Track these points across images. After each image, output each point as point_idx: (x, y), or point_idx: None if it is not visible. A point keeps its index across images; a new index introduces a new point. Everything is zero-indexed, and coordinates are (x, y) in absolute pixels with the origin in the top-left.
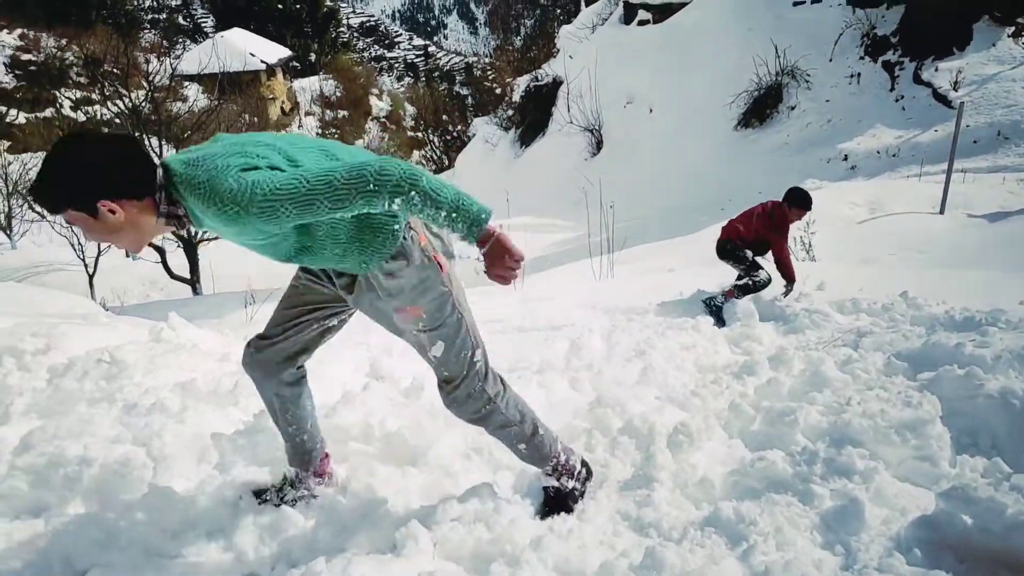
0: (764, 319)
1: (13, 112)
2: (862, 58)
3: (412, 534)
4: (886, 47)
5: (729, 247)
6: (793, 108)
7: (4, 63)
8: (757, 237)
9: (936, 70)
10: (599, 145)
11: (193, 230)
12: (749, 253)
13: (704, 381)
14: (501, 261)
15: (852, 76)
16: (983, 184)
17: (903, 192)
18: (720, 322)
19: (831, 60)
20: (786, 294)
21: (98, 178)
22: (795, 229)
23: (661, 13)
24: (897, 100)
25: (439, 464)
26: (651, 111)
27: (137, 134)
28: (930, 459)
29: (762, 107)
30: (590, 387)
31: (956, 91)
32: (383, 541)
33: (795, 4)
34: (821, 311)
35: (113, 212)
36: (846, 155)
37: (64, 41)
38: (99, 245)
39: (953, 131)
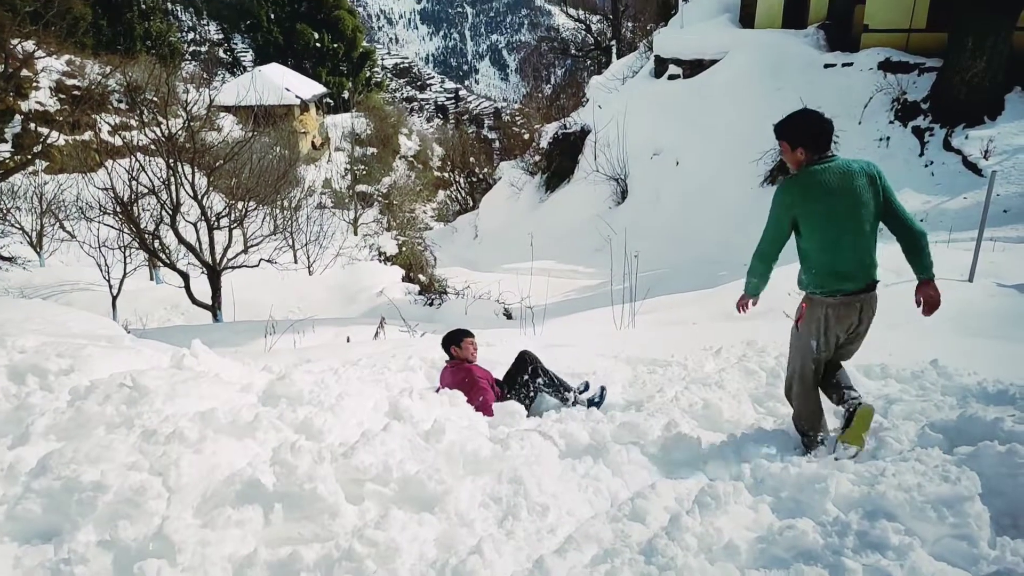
0: None
1: (55, 134)
2: (892, 122)
3: None
4: (916, 113)
5: None
6: None
7: (49, 87)
8: None
9: (967, 138)
10: (624, 195)
11: (217, 258)
12: None
13: (729, 440)
14: None
15: (881, 139)
16: (1013, 254)
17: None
18: None
19: (860, 123)
20: None
21: None
22: None
23: (692, 69)
24: (926, 166)
25: (456, 511)
26: (677, 164)
27: (171, 161)
28: (968, 539)
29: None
30: (610, 439)
31: (986, 159)
32: None
33: (826, 66)
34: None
35: None
36: None
37: (108, 69)
38: (125, 267)
39: (984, 199)
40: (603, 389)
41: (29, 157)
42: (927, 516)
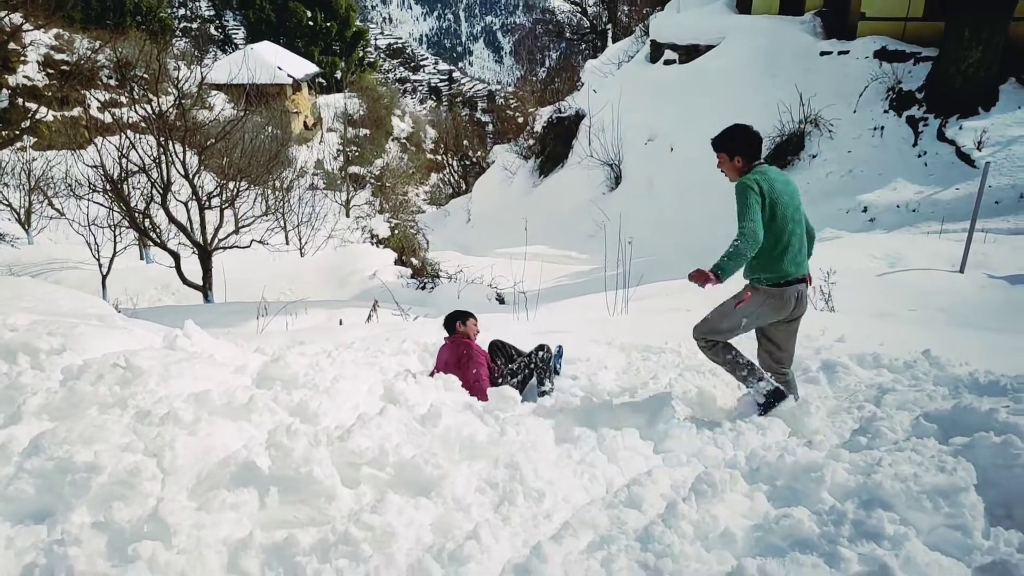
0: None
1: (43, 110)
2: (886, 112)
3: (425, 569)
4: (911, 102)
5: None
6: (815, 156)
7: (37, 61)
8: None
9: (960, 128)
10: (618, 180)
11: (208, 238)
12: None
13: (723, 428)
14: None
15: (876, 129)
16: (1004, 245)
17: (923, 247)
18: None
19: (855, 111)
20: None
21: None
22: (815, 279)
23: (687, 54)
24: (920, 156)
25: (453, 496)
26: (672, 149)
27: (162, 139)
28: (963, 529)
29: (783, 153)
30: (605, 426)
31: (980, 151)
32: (396, 574)
33: (822, 54)
34: (842, 364)
35: None
36: (865, 207)
37: (97, 44)
38: (115, 246)
39: (976, 190)
40: (560, 348)
41: (17, 133)
42: (922, 506)
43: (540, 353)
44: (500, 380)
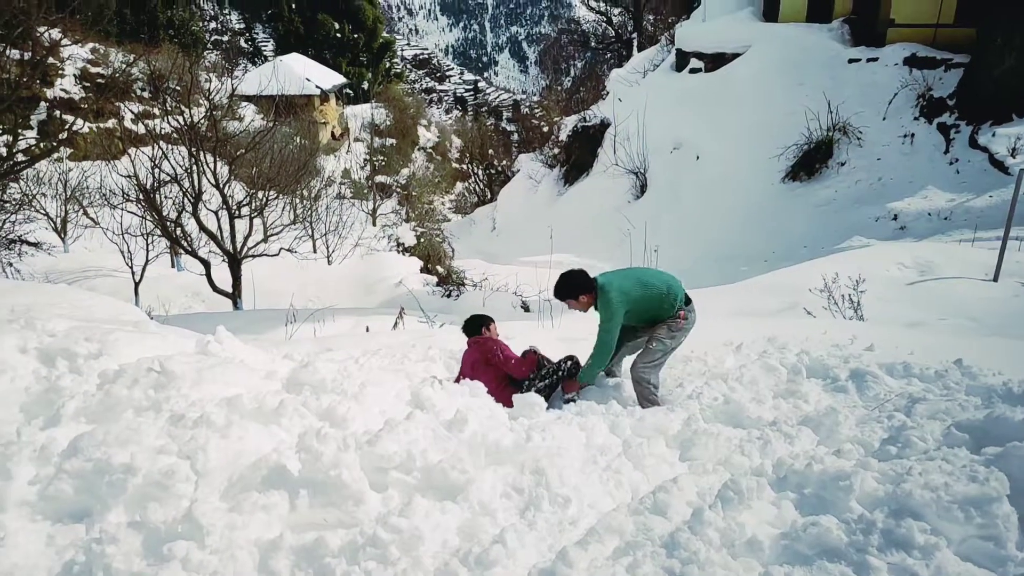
0: (811, 375)
1: (79, 122)
2: (917, 119)
3: (452, 573)
4: (942, 109)
5: None
6: (843, 164)
7: (74, 75)
8: None
9: (994, 135)
10: (643, 189)
11: (238, 246)
12: None
13: (750, 437)
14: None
15: (906, 136)
16: None
17: (954, 256)
18: None
19: (884, 119)
20: None
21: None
22: (843, 288)
23: (714, 62)
24: (951, 163)
25: (479, 501)
26: (698, 158)
27: (194, 150)
28: (995, 540)
29: (811, 161)
30: (631, 433)
31: (1014, 157)
32: None
33: (850, 61)
34: (871, 372)
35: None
36: (895, 215)
37: (132, 57)
38: (147, 254)
39: (1011, 198)
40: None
41: (54, 144)
42: (954, 516)
43: (568, 364)
44: (527, 385)
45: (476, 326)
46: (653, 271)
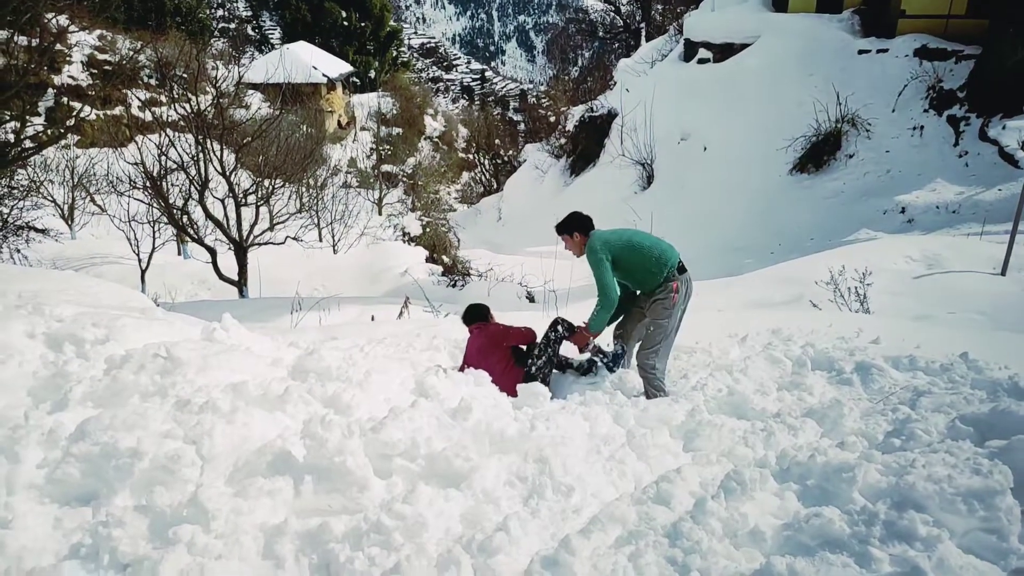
0: (816, 368)
1: (86, 109)
2: (926, 111)
3: (455, 559)
4: (952, 102)
5: None
6: (851, 156)
7: (81, 62)
8: None
9: (1004, 128)
10: (650, 179)
11: (244, 234)
12: None
13: (754, 428)
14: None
15: (915, 128)
16: None
17: (962, 249)
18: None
19: (894, 111)
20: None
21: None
22: (850, 280)
23: (722, 53)
24: (960, 156)
25: (482, 489)
26: (705, 149)
27: (200, 137)
28: (998, 532)
29: (819, 153)
30: (635, 423)
31: None
32: (426, 563)
33: (860, 52)
34: (876, 365)
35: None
36: (903, 207)
37: (139, 44)
38: (154, 242)
39: (1020, 191)
40: (621, 351)
41: (61, 131)
42: (957, 508)
43: (558, 328)
44: (529, 364)
45: (479, 314)
46: (645, 234)
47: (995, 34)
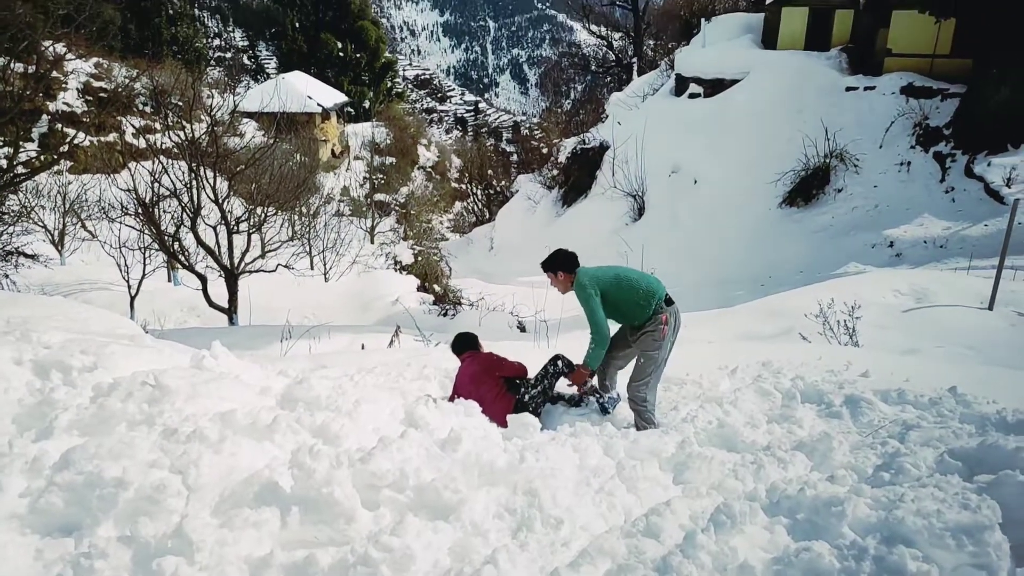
0: (806, 401)
1: (80, 135)
2: (913, 147)
3: None
4: (938, 138)
5: None
6: (840, 191)
7: (77, 88)
8: None
9: (989, 165)
10: (641, 211)
11: (235, 261)
12: None
13: (743, 461)
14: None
15: (902, 164)
16: None
17: (950, 284)
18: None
19: (881, 147)
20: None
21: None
22: (839, 313)
23: (713, 88)
24: (947, 192)
25: (471, 521)
26: (696, 182)
27: (194, 165)
28: (987, 568)
29: (808, 187)
30: (624, 455)
31: (1009, 187)
32: None
33: (848, 89)
34: (865, 399)
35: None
36: (892, 242)
37: (135, 72)
38: (144, 268)
39: (1006, 227)
40: (617, 396)
41: (54, 157)
42: (946, 543)
43: (558, 363)
44: (523, 392)
45: (470, 342)
46: (632, 269)
47: (979, 74)
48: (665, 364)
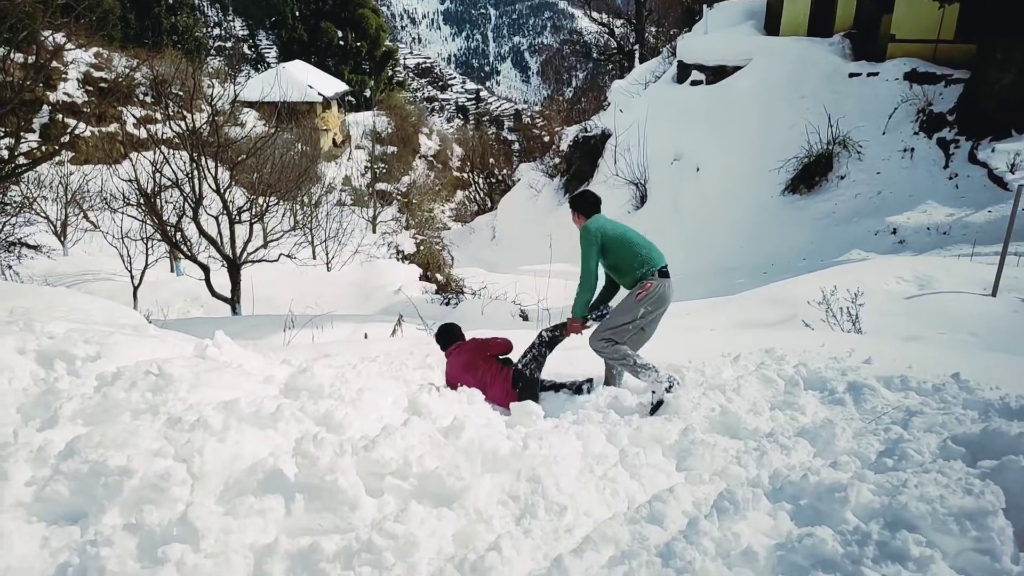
0: (809, 388)
1: (81, 126)
2: (916, 133)
3: None
4: (942, 124)
5: None
6: (843, 178)
7: (77, 79)
8: None
9: (993, 151)
10: (643, 199)
11: (237, 251)
12: None
13: (746, 447)
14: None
15: (905, 150)
16: None
17: (953, 270)
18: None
19: (884, 133)
20: None
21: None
22: (842, 300)
23: (715, 75)
24: (951, 178)
25: (475, 508)
26: (698, 170)
27: (195, 155)
28: (991, 553)
29: (811, 174)
30: (628, 442)
31: (1013, 173)
32: None
33: (851, 76)
34: (868, 385)
35: None
36: (895, 228)
37: (135, 62)
38: (146, 258)
39: (1009, 213)
40: (590, 381)
41: (56, 147)
42: (949, 529)
43: (545, 334)
44: (518, 363)
45: (455, 334)
46: (642, 236)
47: (983, 59)
48: (642, 333)
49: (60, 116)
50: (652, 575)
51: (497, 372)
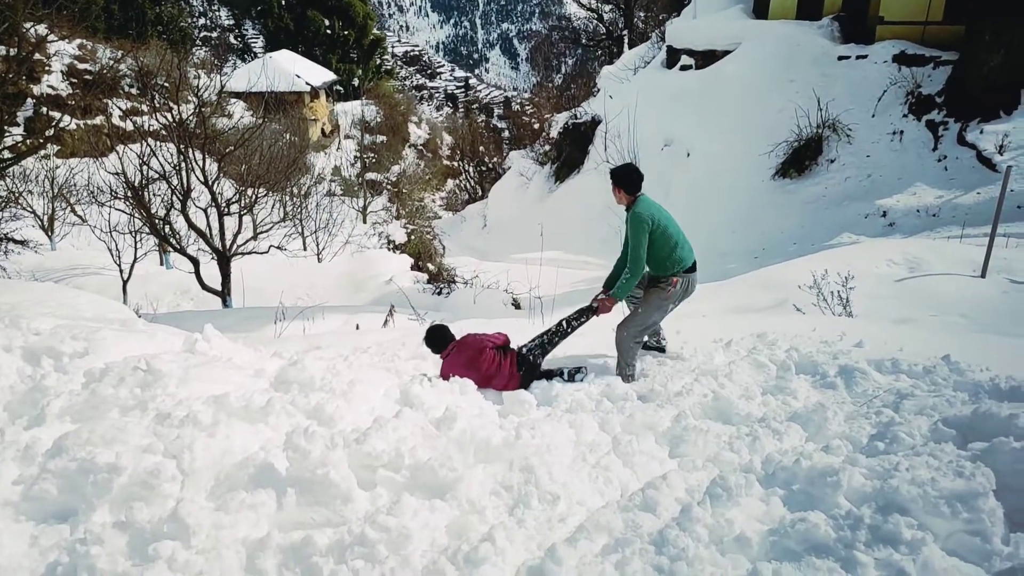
0: (800, 372)
1: (66, 119)
2: (905, 116)
3: (440, 571)
4: (931, 107)
5: None
6: (833, 161)
7: (61, 71)
8: None
9: (981, 132)
10: None
11: (227, 244)
12: None
13: (739, 433)
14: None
15: (894, 133)
16: None
17: (943, 252)
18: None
19: (874, 116)
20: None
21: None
22: (833, 284)
23: (704, 60)
24: (940, 160)
25: (468, 499)
26: (688, 155)
27: (182, 146)
28: (981, 534)
29: (801, 158)
30: (620, 430)
31: (1001, 154)
32: (411, 575)
33: (840, 59)
34: (860, 369)
35: None
36: (885, 211)
37: (120, 53)
38: (135, 252)
39: (998, 194)
40: (583, 368)
41: (41, 141)
42: (940, 511)
43: (562, 324)
44: (525, 349)
45: (446, 336)
46: (680, 230)
47: (971, 40)
48: (658, 323)
49: (44, 109)
50: (645, 563)
51: (502, 360)
